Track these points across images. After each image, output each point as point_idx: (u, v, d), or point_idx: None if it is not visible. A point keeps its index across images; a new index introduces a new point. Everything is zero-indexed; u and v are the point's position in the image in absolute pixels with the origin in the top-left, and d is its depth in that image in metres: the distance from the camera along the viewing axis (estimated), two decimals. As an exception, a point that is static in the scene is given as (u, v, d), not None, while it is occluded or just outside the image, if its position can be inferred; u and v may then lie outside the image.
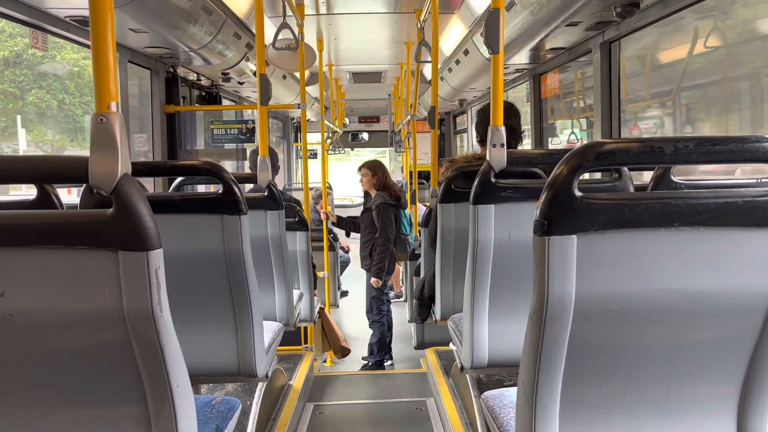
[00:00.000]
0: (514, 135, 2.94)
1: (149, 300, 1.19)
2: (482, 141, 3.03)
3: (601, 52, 3.79)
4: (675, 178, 2.13)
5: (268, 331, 2.59)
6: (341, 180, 12.86)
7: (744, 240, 1.19)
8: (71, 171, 1.19)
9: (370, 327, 5.61)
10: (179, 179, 2.80)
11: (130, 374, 1.27)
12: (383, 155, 14.21)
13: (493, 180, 2.06)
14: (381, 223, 5.36)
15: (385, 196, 5.43)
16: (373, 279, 5.45)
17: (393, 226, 5.39)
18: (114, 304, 1.19)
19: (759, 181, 2.23)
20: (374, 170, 5.53)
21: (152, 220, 1.17)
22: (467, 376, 2.87)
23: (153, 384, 1.27)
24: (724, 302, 1.24)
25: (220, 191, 2.00)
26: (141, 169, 2.10)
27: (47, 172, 1.25)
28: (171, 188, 2.80)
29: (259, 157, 2.92)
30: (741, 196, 1.18)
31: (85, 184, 1.19)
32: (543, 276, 1.18)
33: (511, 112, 2.94)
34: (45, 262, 1.20)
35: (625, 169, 2.13)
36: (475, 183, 2.06)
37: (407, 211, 5.75)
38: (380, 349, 5.55)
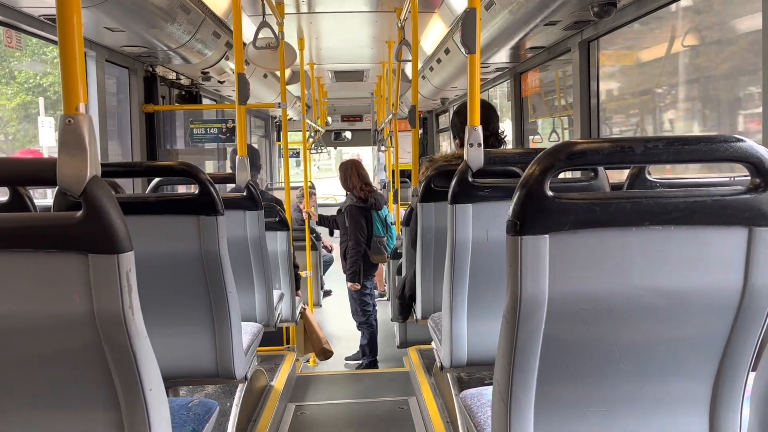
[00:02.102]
0: (497, 137, 2.93)
1: (120, 303, 1.17)
2: (461, 142, 3.02)
3: (579, 51, 3.82)
4: (650, 177, 2.15)
5: (247, 332, 2.57)
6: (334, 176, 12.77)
7: (713, 238, 1.21)
8: (39, 174, 1.17)
9: (358, 329, 5.62)
10: (156, 180, 2.77)
11: (102, 378, 1.25)
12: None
13: (470, 179, 2.06)
14: (349, 226, 5.36)
15: (352, 197, 5.42)
16: (348, 283, 5.45)
17: (362, 228, 5.36)
18: (84, 307, 1.18)
19: (732, 179, 2.26)
20: (340, 171, 5.53)
21: (123, 223, 1.15)
22: (448, 374, 2.88)
23: (125, 388, 1.26)
24: (695, 300, 1.25)
25: (197, 192, 1.99)
26: (116, 170, 2.08)
27: (15, 174, 1.24)
28: (148, 189, 2.78)
29: (237, 156, 2.90)
30: (710, 195, 1.19)
31: (58, 187, 1.18)
32: (516, 275, 1.19)
33: (490, 114, 2.94)
34: (14, 265, 1.18)
35: (601, 168, 2.15)
36: (453, 182, 2.07)
37: (388, 210, 5.74)
38: (371, 350, 5.55)
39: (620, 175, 3.17)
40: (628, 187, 2.16)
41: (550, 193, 1.16)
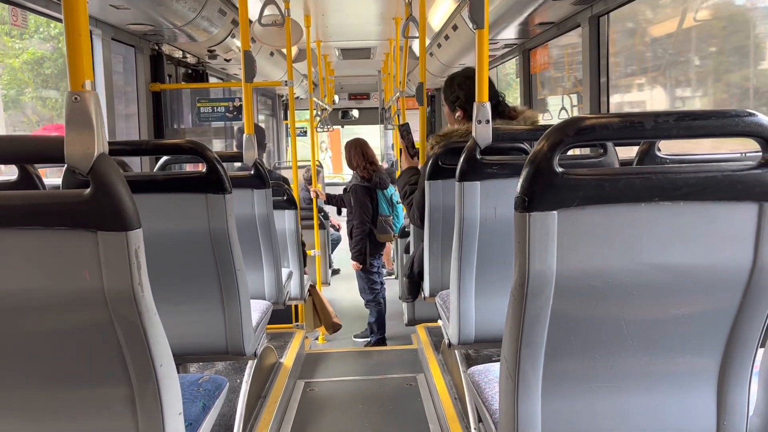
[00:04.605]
0: (501, 104, 2.81)
1: (130, 280, 1.18)
2: (464, 114, 2.88)
3: (589, 26, 3.77)
4: (660, 153, 2.13)
5: (257, 309, 2.59)
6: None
7: (723, 214, 1.20)
8: (48, 151, 1.18)
9: (366, 307, 5.65)
10: (164, 159, 2.78)
11: (114, 354, 1.27)
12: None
13: (478, 157, 2.05)
14: (354, 205, 5.37)
15: (357, 176, 5.42)
16: (352, 263, 5.47)
17: (367, 207, 5.36)
18: (95, 284, 1.19)
19: (744, 155, 2.23)
20: (345, 150, 5.52)
21: (131, 200, 1.16)
22: (456, 352, 2.90)
23: (136, 364, 1.27)
24: (704, 276, 1.25)
25: (204, 170, 1.99)
26: (123, 149, 2.08)
27: (23, 152, 1.24)
28: (156, 168, 2.78)
29: (244, 135, 2.89)
30: (720, 170, 1.18)
31: (67, 165, 1.18)
32: (524, 252, 1.19)
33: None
34: (24, 243, 1.19)
35: (611, 144, 2.13)
36: (461, 160, 2.06)
37: (394, 188, 5.73)
38: (379, 328, 5.58)
39: (629, 153, 3.15)
40: (638, 163, 2.14)
41: (558, 169, 1.15)
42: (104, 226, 1.15)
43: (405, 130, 3.30)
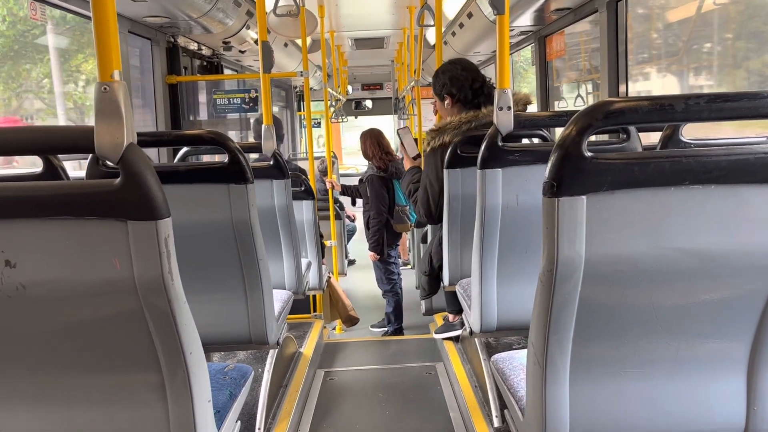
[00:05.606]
0: (487, 88, 2.81)
1: (160, 269, 1.19)
2: (452, 101, 2.83)
3: (607, 11, 3.72)
4: (684, 138, 2.11)
5: (278, 299, 2.61)
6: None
7: (755, 197, 1.18)
8: (77, 141, 1.18)
9: (383, 297, 5.66)
10: (184, 150, 2.79)
11: (144, 342, 1.28)
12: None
13: (500, 144, 2.04)
14: (371, 195, 5.36)
15: (373, 167, 5.41)
16: (369, 253, 5.47)
17: (384, 198, 5.35)
18: (125, 273, 1.20)
19: (769, 139, 2.20)
20: (360, 140, 5.51)
21: (160, 189, 1.16)
22: (476, 340, 2.90)
23: (166, 351, 1.29)
24: (735, 261, 1.24)
25: (225, 161, 2.00)
26: (145, 140, 2.09)
27: (53, 142, 1.24)
28: (176, 159, 2.80)
29: (263, 125, 2.90)
30: (753, 153, 1.16)
31: (91, 155, 1.19)
32: (553, 237, 1.18)
33: (475, 67, 2.84)
34: (55, 233, 1.20)
35: (634, 129, 2.11)
36: (482, 147, 2.05)
37: None
38: (397, 318, 5.59)
39: (647, 139, 3.11)
40: (662, 148, 2.12)
41: (587, 154, 1.15)
42: (134, 215, 1.16)
43: (404, 134, 3.31)
